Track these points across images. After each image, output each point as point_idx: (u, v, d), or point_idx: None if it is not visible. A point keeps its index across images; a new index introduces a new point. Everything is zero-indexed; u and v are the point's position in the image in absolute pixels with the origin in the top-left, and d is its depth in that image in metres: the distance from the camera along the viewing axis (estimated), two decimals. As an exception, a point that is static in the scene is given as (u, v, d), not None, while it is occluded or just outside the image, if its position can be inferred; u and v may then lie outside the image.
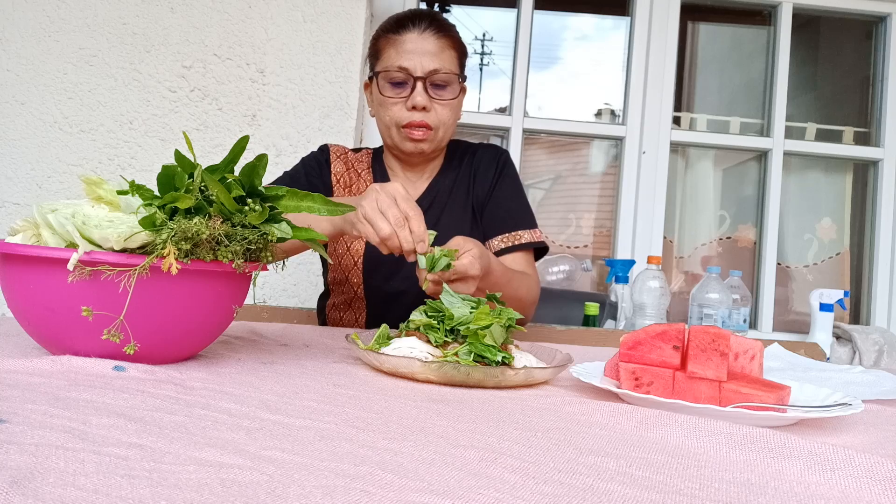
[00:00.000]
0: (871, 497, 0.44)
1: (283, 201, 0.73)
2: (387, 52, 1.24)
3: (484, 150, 1.37)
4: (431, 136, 1.24)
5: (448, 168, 1.35)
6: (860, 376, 0.95)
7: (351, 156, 1.36)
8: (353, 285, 1.29)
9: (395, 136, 1.25)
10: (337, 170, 1.32)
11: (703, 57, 2.81)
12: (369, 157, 1.37)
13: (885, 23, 2.37)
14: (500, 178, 1.34)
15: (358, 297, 1.30)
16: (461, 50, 1.27)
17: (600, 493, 0.41)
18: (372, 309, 1.30)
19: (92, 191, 0.68)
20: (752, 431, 0.55)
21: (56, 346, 0.67)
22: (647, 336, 0.70)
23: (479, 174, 1.34)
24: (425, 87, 1.21)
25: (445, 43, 1.23)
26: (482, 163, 1.35)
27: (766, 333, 2.24)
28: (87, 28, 1.89)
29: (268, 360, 0.78)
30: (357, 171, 1.34)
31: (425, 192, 1.32)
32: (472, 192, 1.33)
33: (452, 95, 1.24)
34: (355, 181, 1.34)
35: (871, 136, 2.41)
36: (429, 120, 1.22)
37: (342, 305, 1.32)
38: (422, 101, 1.20)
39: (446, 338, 0.80)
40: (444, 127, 1.25)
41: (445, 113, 1.24)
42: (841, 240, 2.53)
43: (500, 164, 1.35)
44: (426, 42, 1.21)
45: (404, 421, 0.55)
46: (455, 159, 1.36)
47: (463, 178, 1.34)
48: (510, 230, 1.28)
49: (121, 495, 0.35)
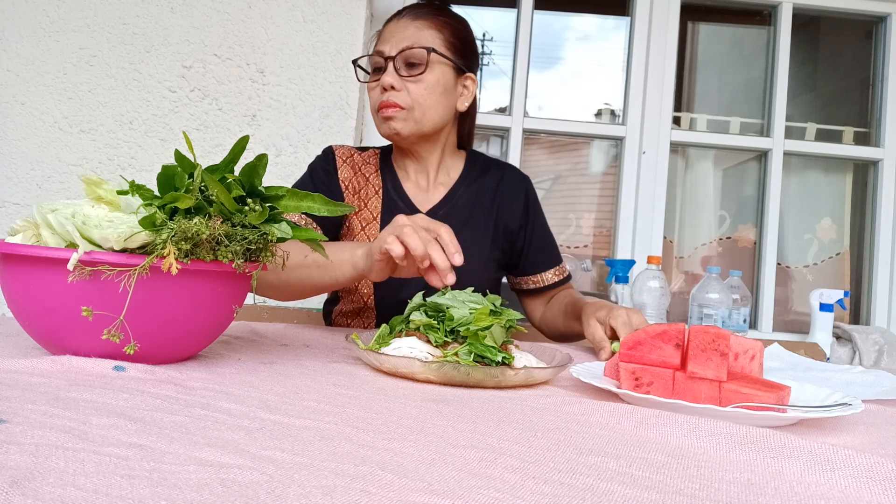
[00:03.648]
0: (871, 497, 0.44)
1: (283, 201, 0.73)
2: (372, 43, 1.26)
3: (511, 174, 1.35)
4: (405, 115, 1.17)
5: (467, 179, 1.31)
6: (860, 376, 0.95)
7: (357, 157, 1.31)
8: (363, 295, 1.25)
9: (376, 121, 1.22)
10: (344, 175, 1.27)
11: (703, 57, 2.81)
12: (377, 158, 1.32)
13: (885, 23, 2.36)
14: (533, 208, 1.34)
15: (368, 306, 1.26)
16: (446, 30, 1.21)
17: (600, 493, 0.41)
18: (382, 318, 1.26)
19: (92, 191, 0.68)
20: (752, 431, 0.55)
21: (56, 346, 0.67)
22: (647, 336, 0.70)
23: (506, 200, 1.31)
24: (395, 67, 1.17)
25: (423, 23, 1.19)
26: (509, 188, 1.32)
27: (766, 333, 2.23)
28: (87, 28, 1.89)
29: (268, 360, 0.78)
30: (364, 174, 1.29)
31: (443, 199, 1.28)
32: (496, 214, 1.30)
33: (422, 72, 1.17)
34: (363, 186, 1.28)
35: (871, 136, 2.41)
36: (398, 99, 1.16)
37: (351, 313, 1.29)
38: (389, 79, 1.16)
39: (446, 338, 0.80)
40: (420, 107, 1.18)
41: (419, 90, 1.17)
42: (841, 240, 2.53)
43: (529, 193, 1.34)
44: (403, 25, 1.20)
45: (404, 421, 0.55)
46: (475, 171, 1.33)
47: (485, 196, 1.30)
48: (557, 263, 1.36)
49: (121, 495, 0.35)
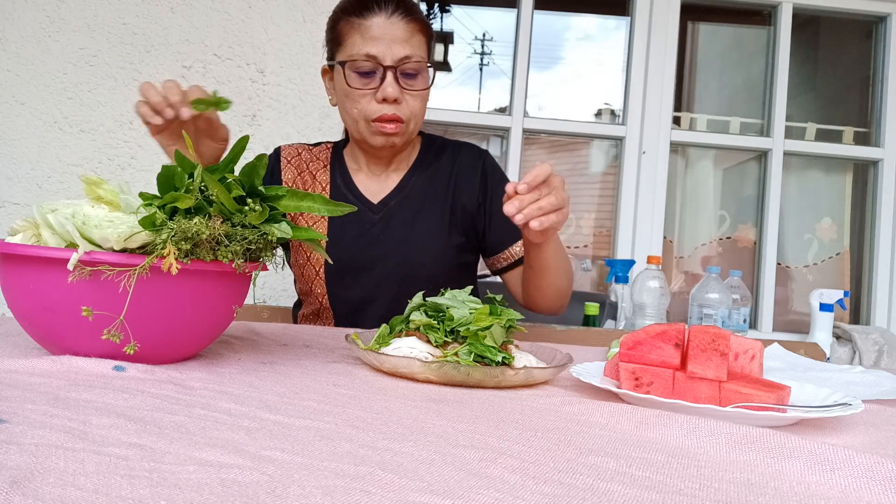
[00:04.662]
0: (871, 497, 0.44)
1: (283, 201, 0.73)
2: (351, 38, 1.13)
3: (466, 151, 1.28)
4: (403, 129, 1.15)
5: (422, 164, 1.26)
6: (860, 376, 0.95)
7: (305, 155, 1.27)
8: (317, 295, 1.23)
9: (363, 130, 1.16)
10: (287, 177, 1.25)
11: (703, 57, 2.81)
12: (328, 153, 1.28)
13: (885, 23, 2.37)
14: (491, 183, 1.25)
15: (324, 306, 1.24)
16: (429, 34, 1.17)
17: (600, 493, 0.41)
18: (340, 318, 1.24)
19: (92, 191, 0.68)
20: (752, 431, 0.55)
21: (56, 346, 0.67)
22: (647, 336, 0.70)
23: (462, 179, 1.25)
24: (395, 77, 1.11)
25: (414, 27, 1.13)
26: (464, 166, 1.26)
27: (766, 333, 2.24)
28: (87, 28, 1.89)
29: (268, 360, 0.78)
30: (312, 171, 1.26)
31: (395, 188, 1.24)
32: (453, 195, 1.24)
33: (424, 85, 1.15)
34: (310, 184, 1.25)
35: (871, 136, 2.41)
36: (400, 112, 1.13)
37: (311, 315, 1.27)
38: (393, 92, 1.10)
39: (446, 338, 0.80)
40: (416, 119, 1.16)
41: (416, 104, 1.15)
42: (841, 240, 2.53)
43: (486, 167, 1.26)
44: (394, 27, 1.11)
45: (404, 421, 0.55)
46: (431, 155, 1.27)
47: (440, 178, 1.25)
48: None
49: (121, 495, 0.35)
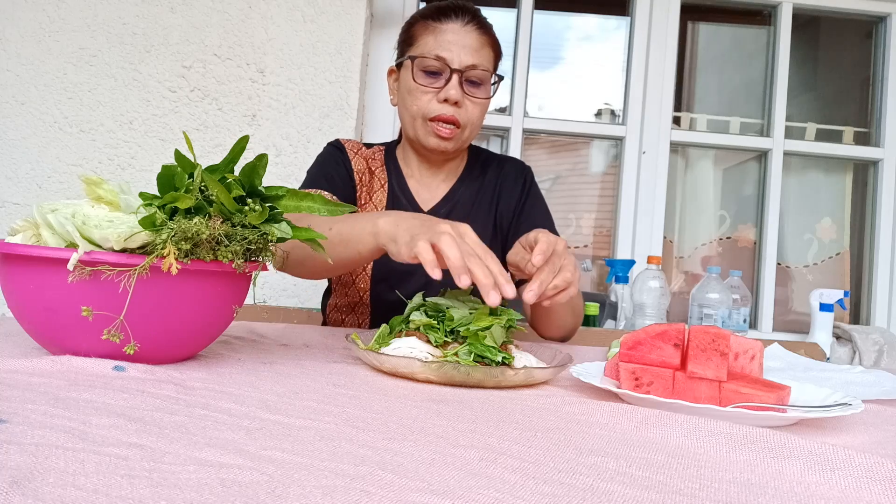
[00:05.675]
0: (871, 497, 0.44)
1: (283, 201, 0.73)
2: (424, 38, 1.17)
3: (511, 165, 1.33)
4: (458, 135, 1.19)
5: (469, 176, 1.30)
6: (860, 376, 0.95)
7: (365, 151, 1.30)
8: (359, 290, 1.25)
9: (419, 128, 1.19)
10: (358, 167, 1.27)
11: (703, 57, 2.81)
12: (382, 154, 1.32)
13: (885, 23, 2.36)
14: (527, 195, 1.30)
15: (363, 302, 1.25)
16: (497, 51, 1.23)
17: (600, 493, 0.41)
18: (376, 315, 1.26)
19: (92, 191, 0.68)
20: (752, 431, 0.55)
21: (56, 346, 0.67)
22: (647, 336, 0.70)
23: (505, 190, 1.30)
24: (460, 81, 1.15)
25: (485, 40, 1.18)
26: (508, 178, 1.31)
27: (766, 333, 2.24)
28: (87, 28, 1.89)
29: (268, 360, 0.78)
30: (371, 168, 1.29)
31: (444, 197, 1.28)
32: (496, 207, 1.29)
33: (485, 95, 1.19)
34: (370, 179, 1.28)
35: (871, 136, 2.41)
36: (459, 116, 1.16)
37: (345, 308, 1.28)
38: (455, 94, 1.14)
39: (446, 338, 0.80)
40: (472, 127, 1.20)
41: (476, 112, 1.19)
42: (841, 240, 2.53)
43: (526, 180, 1.32)
44: (468, 35, 1.16)
45: (404, 421, 0.55)
46: (477, 167, 1.32)
47: (486, 191, 1.29)
48: None
49: (121, 495, 0.35)
